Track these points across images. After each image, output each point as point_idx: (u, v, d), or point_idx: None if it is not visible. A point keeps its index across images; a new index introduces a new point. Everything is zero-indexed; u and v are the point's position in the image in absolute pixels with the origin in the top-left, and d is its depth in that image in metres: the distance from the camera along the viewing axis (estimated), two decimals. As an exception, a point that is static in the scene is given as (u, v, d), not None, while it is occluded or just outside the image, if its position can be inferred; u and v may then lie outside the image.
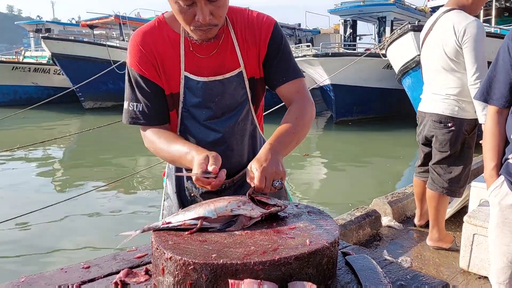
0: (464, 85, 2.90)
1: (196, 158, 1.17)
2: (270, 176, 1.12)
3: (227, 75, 1.39)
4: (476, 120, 2.94)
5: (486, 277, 2.73)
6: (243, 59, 1.40)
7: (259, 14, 1.44)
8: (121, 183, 6.23)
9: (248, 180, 1.14)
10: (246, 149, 1.50)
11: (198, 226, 1.02)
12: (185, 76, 1.37)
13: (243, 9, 1.46)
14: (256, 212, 1.06)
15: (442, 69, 2.99)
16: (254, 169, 1.13)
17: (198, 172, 1.12)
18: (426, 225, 3.49)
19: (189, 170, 1.23)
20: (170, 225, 1.04)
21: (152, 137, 1.38)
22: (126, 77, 1.40)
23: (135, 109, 1.39)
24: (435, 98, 3.09)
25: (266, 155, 1.16)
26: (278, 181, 1.13)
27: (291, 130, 1.31)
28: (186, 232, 1.01)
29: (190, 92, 1.39)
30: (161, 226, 1.04)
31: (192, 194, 1.54)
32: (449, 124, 3.01)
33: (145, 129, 1.41)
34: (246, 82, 1.42)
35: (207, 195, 1.44)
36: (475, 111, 2.90)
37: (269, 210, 1.08)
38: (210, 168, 1.11)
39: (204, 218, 1.03)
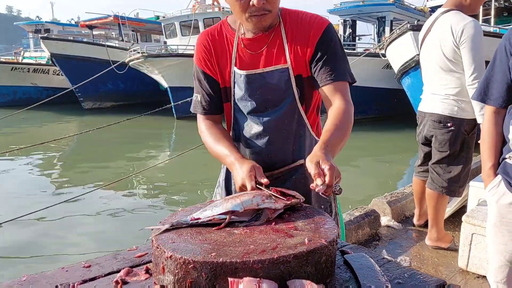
0: (463, 85, 2.92)
1: (243, 170, 1.30)
2: (336, 176, 1.12)
3: (267, 69, 1.45)
4: (476, 120, 2.96)
5: (484, 276, 2.74)
6: (290, 57, 1.44)
7: (312, 15, 1.48)
8: (121, 183, 6.25)
9: (312, 175, 1.11)
10: (290, 147, 1.53)
11: (227, 220, 1.05)
12: (234, 71, 1.49)
13: (299, 11, 1.52)
14: (280, 204, 1.11)
15: (440, 69, 3.01)
16: (323, 166, 1.11)
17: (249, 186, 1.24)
18: (425, 225, 3.50)
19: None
20: (199, 221, 1.06)
21: (204, 130, 1.56)
22: (193, 73, 1.60)
23: (196, 99, 1.59)
24: (435, 98, 3.10)
25: (327, 155, 1.16)
26: (338, 185, 1.12)
27: (340, 130, 1.34)
28: (214, 228, 1.04)
29: (237, 85, 1.50)
30: (190, 222, 1.06)
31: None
32: (449, 124, 3.02)
33: (201, 118, 1.59)
34: (293, 79, 1.46)
35: None
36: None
37: (290, 202, 1.13)
38: (263, 181, 1.23)
39: (232, 213, 1.06)
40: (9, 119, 8.47)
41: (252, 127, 1.52)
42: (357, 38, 19.57)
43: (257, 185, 1.23)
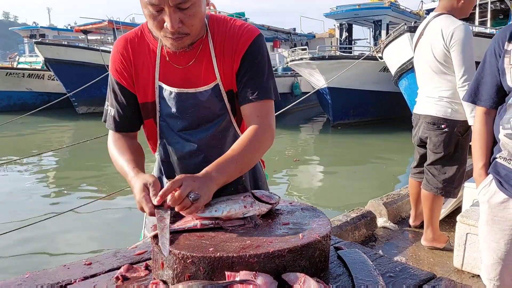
0: (456, 87, 2.96)
1: (136, 191, 1.12)
2: (187, 185, 1.03)
3: (200, 89, 1.35)
4: None
5: (479, 276, 2.76)
6: (219, 72, 1.34)
7: (242, 25, 1.36)
8: (117, 187, 6.27)
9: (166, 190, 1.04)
10: None
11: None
12: (159, 85, 1.36)
13: (228, 19, 1.39)
14: (264, 209, 1.12)
15: (433, 72, 3.05)
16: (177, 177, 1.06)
17: (145, 207, 1.07)
18: (421, 226, 3.53)
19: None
20: (186, 225, 1.04)
21: (110, 144, 1.42)
22: (108, 82, 1.45)
23: (109, 113, 1.44)
24: (429, 100, 3.15)
25: (195, 177, 1.08)
26: (194, 192, 1.03)
27: (236, 161, 1.21)
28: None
29: (164, 101, 1.37)
30: (176, 228, 1.03)
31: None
32: (442, 126, 3.07)
33: (111, 134, 1.45)
34: (224, 95, 1.37)
35: None
36: None
37: (272, 205, 1.14)
38: (154, 202, 1.06)
39: (216, 218, 1.06)
40: (7, 124, 8.48)
41: (184, 146, 1.41)
42: (352, 42, 19.69)
43: (156, 208, 1.06)
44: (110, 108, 1.43)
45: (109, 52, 18.06)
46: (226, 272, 0.87)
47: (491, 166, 1.72)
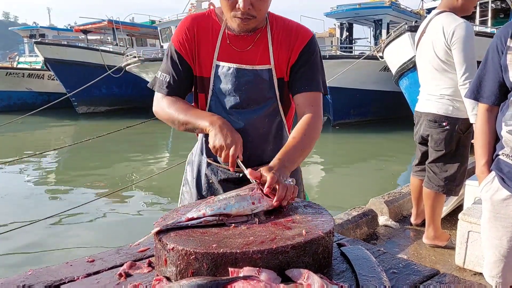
0: (457, 85, 2.96)
1: (233, 134, 1.34)
2: (289, 193, 1.13)
3: (258, 67, 1.46)
4: None
5: (481, 273, 2.76)
6: (274, 59, 1.47)
7: (299, 25, 1.52)
8: (118, 186, 6.28)
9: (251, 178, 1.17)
10: (269, 147, 1.53)
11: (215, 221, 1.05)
12: (216, 64, 1.47)
13: (285, 18, 1.54)
14: (271, 204, 1.12)
15: (434, 70, 3.05)
16: (268, 176, 1.14)
17: (233, 153, 1.31)
18: (423, 224, 3.53)
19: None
20: (190, 223, 1.04)
21: (169, 103, 1.50)
22: (166, 51, 1.55)
23: (163, 79, 1.53)
24: (430, 98, 3.14)
25: (277, 168, 1.20)
26: (287, 178, 1.16)
27: (300, 148, 1.35)
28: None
29: (220, 78, 1.47)
30: (181, 224, 1.03)
31: (210, 181, 1.61)
32: (444, 123, 3.06)
33: (161, 96, 1.53)
34: (275, 80, 1.48)
35: (225, 183, 1.57)
36: None
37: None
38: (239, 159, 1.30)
39: (222, 215, 1.06)
40: (7, 124, 8.49)
41: (232, 123, 1.47)
42: (353, 41, 19.68)
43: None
44: (165, 75, 1.53)
45: (109, 52, 18.15)
46: (229, 268, 0.87)
47: (493, 163, 1.71)
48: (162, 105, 1.53)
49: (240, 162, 1.32)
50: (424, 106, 3.21)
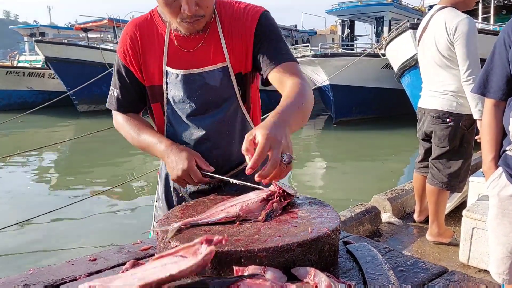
0: (461, 81, 2.94)
1: (181, 158, 1.24)
2: (276, 145, 0.95)
3: (207, 68, 1.35)
4: None
5: (485, 270, 2.76)
6: (229, 54, 1.35)
7: (247, 6, 1.38)
8: (121, 186, 6.27)
9: (243, 152, 0.98)
10: (236, 148, 1.40)
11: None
12: (166, 70, 1.37)
13: (233, 2, 1.40)
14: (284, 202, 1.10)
15: (437, 66, 3.03)
16: (258, 135, 0.96)
17: (197, 176, 1.22)
18: (426, 221, 3.51)
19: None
20: (210, 219, 1.03)
21: (123, 122, 1.46)
22: (114, 63, 1.47)
23: (112, 93, 1.48)
24: (434, 94, 3.12)
25: (273, 122, 1.00)
26: (286, 154, 0.96)
27: (297, 104, 1.15)
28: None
29: (172, 86, 1.37)
30: (200, 222, 1.01)
31: (180, 195, 1.52)
32: (448, 120, 3.04)
33: (117, 113, 1.49)
34: (233, 77, 1.37)
35: (195, 195, 1.44)
36: None
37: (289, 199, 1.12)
38: (209, 169, 1.21)
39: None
40: (8, 122, 8.49)
41: (192, 132, 1.40)
42: (354, 38, 19.63)
43: (202, 173, 1.20)
44: (113, 89, 1.47)
45: (110, 50, 18.13)
46: (234, 267, 0.85)
47: (501, 159, 1.69)
48: (117, 123, 1.49)
49: (213, 174, 1.23)
50: (428, 103, 3.18)
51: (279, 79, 1.29)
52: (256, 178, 0.96)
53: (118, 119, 1.49)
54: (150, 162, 7.83)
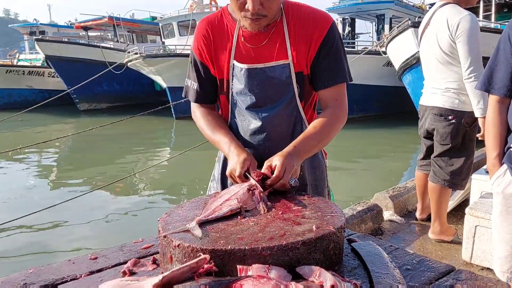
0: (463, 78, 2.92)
1: (240, 157, 1.33)
2: (289, 170, 1.20)
3: (269, 64, 1.42)
4: None
5: (488, 269, 2.74)
6: (292, 53, 1.41)
7: (317, 12, 1.45)
8: (123, 182, 6.27)
9: (264, 170, 1.23)
10: (286, 144, 1.44)
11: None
12: (233, 64, 1.46)
13: (301, 4, 1.48)
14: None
15: (439, 63, 3.00)
16: (276, 161, 1.22)
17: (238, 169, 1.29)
18: (428, 219, 3.49)
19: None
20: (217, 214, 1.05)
21: (200, 116, 1.56)
22: (189, 58, 1.57)
23: (191, 86, 1.57)
24: (435, 91, 3.10)
25: (289, 153, 1.27)
26: (294, 179, 1.21)
27: (317, 137, 1.37)
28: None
29: (236, 78, 1.46)
30: (209, 218, 1.03)
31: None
32: (450, 117, 3.02)
33: (196, 105, 1.59)
34: (293, 76, 1.43)
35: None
36: None
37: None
38: (253, 174, 1.25)
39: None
40: (8, 121, 8.48)
41: (250, 122, 1.49)
42: (355, 36, 19.59)
43: (245, 174, 1.26)
44: (193, 83, 1.57)
45: (110, 49, 18.09)
46: (238, 266, 0.83)
47: (505, 156, 1.67)
48: (195, 116, 1.59)
49: (250, 177, 1.27)
50: (429, 100, 3.16)
51: (324, 100, 1.48)
52: (268, 182, 1.19)
53: (197, 113, 1.58)
54: (150, 160, 7.83)
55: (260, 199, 1.11)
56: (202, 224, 0.99)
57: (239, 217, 1.03)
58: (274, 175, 1.19)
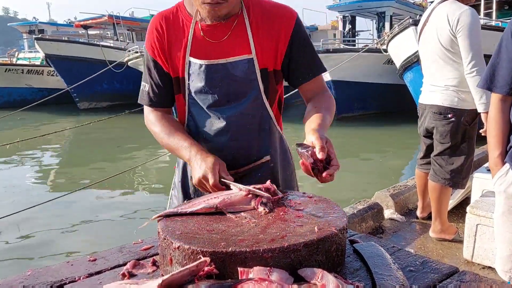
0: (463, 75, 2.90)
1: (207, 163, 1.24)
2: (330, 146, 1.14)
3: (231, 59, 1.34)
4: (476, 110, 2.95)
5: (490, 267, 2.73)
6: (255, 48, 1.35)
7: (279, 6, 1.39)
8: (120, 181, 6.25)
9: (319, 148, 1.10)
10: (255, 143, 1.43)
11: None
12: (189, 61, 1.37)
13: None
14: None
15: (439, 59, 2.99)
16: (312, 139, 1.13)
17: (211, 177, 1.22)
18: (429, 217, 3.49)
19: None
20: (189, 209, 1.06)
21: (154, 121, 1.45)
22: (144, 58, 1.47)
23: (143, 89, 1.47)
24: (434, 89, 3.08)
25: (319, 129, 1.20)
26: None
27: (328, 119, 1.34)
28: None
29: (194, 76, 1.37)
30: (179, 212, 1.05)
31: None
32: (449, 115, 3.01)
33: (149, 110, 1.48)
34: (257, 71, 1.36)
35: None
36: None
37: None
38: (228, 178, 1.21)
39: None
40: (7, 120, 8.48)
41: (212, 123, 1.39)
42: (356, 34, 19.58)
43: (221, 180, 1.21)
44: (144, 84, 1.47)
45: (109, 47, 18.06)
46: (239, 268, 0.82)
47: (508, 155, 1.66)
48: (148, 121, 1.48)
49: (231, 182, 1.21)
50: (429, 98, 3.15)
51: (309, 92, 1.44)
52: (324, 174, 1.08)
53: (150, 118, 1.47)
54: (150, 159, 7.81)
55: (262, 203, 1.07)
56: (202, 226, 0.98)
57: (239, 218, 1.02)
58: (321, 146, 1.10)
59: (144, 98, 1.47)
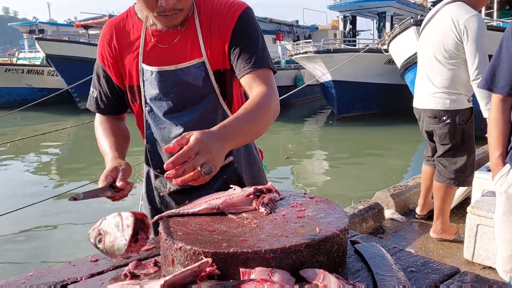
0: (455, 77, 2.91)
1: (106, 169, 1.21)
2: (203, 152, 0.94)
3: (182, 65, 1.29)
4: (471, 108, 2.96)
5: (490, 267, 2.74)
6: (206, 50, 1.29)
7: (229, 2, 1.31)
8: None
9: (171, 143, 0.95)
10: None
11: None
12: (142, 68, 1.33)
13: None
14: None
15: (435, 60, 2.99)
16: (192, 137, 0.95)
17: (100, 185, 1.17)
18: (429, 217, 3.49)
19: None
20: (191, 210, 1.06)
21: (97, 124, 1.46)
22: (95, 64, 1.45)
23: (92, 94, 1.47)
24: (426, 93, 3.09)
25: (213, 132, 1.01)
26: (209, 164, 0.95)
27: (250, 117, 1.14)
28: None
29: (148, 83, 1.33)
30: (181, 212, 1.05)
31: (161, 194, 1.49)
32: (444, 118, 3.01)
33: (97, 115, 1.49)
34: (211, 74, 1.31)
35: (176, 195, 1.44)
36: (467, 100, 2.93)
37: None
38: (118, 184, 1.18)
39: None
40: (7, 120, 8.49)
41: (170, 130, 1.35)
42: (356, 33, 19.58)
43: (110, 186, 1.18)
44: (93, 90, 1.46)
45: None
46: (240, 269, 0.82)
47: (508, 155, 1.66)
48: (95, 122, 1.48)
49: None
50: (422, 103, 3.16)
51: (250, 86, 1.26)
52: (165, 166, 0.92)
53: (95, 120, 1.48)
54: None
55: (263, 203, 1.07)
56: (203, 226, 0.98)
57: (240, 218, 1.02)
58: (182, 150, 0.93)
59: (92, 104, 1.48)
